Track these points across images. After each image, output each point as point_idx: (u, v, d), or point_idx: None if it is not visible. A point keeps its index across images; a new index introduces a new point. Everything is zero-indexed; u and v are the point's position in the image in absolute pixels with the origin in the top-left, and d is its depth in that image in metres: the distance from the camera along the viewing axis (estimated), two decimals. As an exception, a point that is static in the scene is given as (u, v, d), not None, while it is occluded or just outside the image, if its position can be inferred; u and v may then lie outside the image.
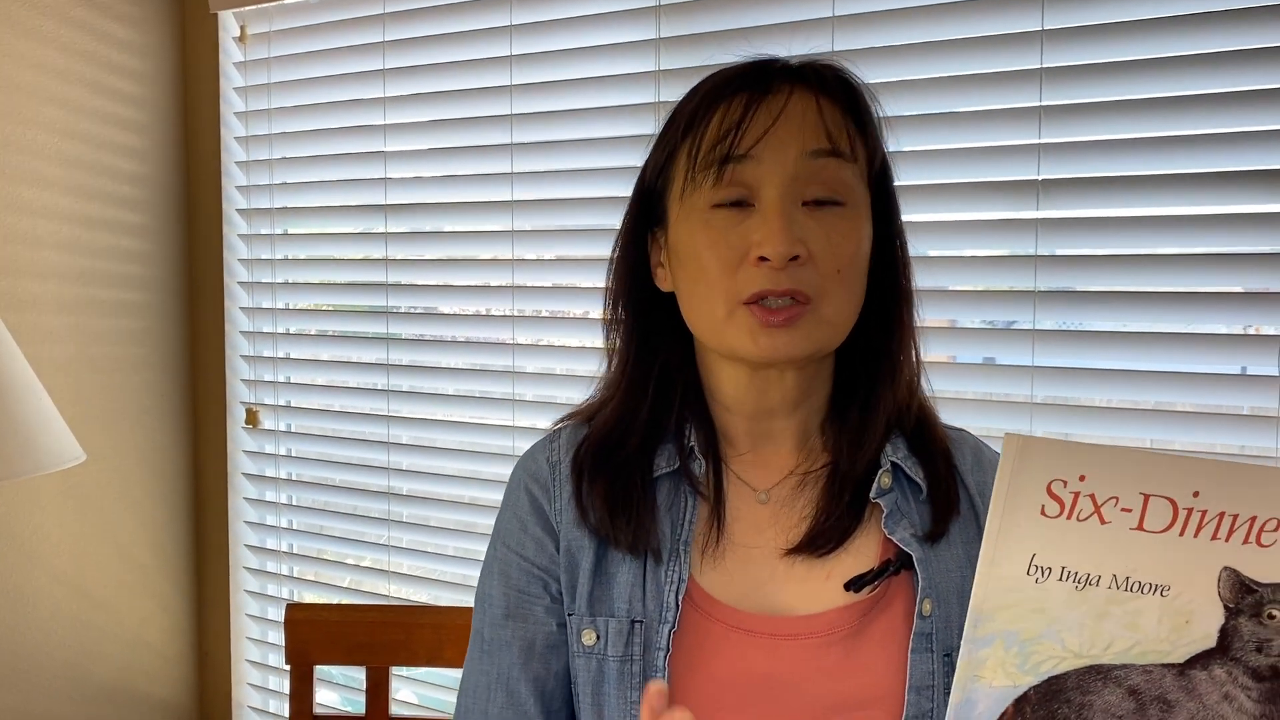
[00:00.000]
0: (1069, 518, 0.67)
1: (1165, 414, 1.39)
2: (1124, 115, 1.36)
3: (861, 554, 0.89)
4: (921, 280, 1.48)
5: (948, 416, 1.03)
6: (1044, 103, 1.40)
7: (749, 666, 0.86)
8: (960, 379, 1.52)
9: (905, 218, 0.94)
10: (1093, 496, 0.67)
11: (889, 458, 0.90)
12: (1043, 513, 0.68)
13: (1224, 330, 1.36)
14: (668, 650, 0.86)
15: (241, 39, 2.14)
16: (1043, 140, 1.41)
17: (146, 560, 2.18)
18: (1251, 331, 1.35)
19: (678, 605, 0.86)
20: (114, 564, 2.11)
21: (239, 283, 2.20)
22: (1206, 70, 1.32)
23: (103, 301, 2.07)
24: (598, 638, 0.88)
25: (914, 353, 0.93)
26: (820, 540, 0.88)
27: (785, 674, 0.85)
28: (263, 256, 2.17)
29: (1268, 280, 1.31)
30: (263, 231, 2.16)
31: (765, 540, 0.90)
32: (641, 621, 0.87)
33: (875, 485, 0.89)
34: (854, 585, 0.87)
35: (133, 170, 2.12)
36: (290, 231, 2.15)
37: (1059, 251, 1.42)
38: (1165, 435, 1.40)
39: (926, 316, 1.51)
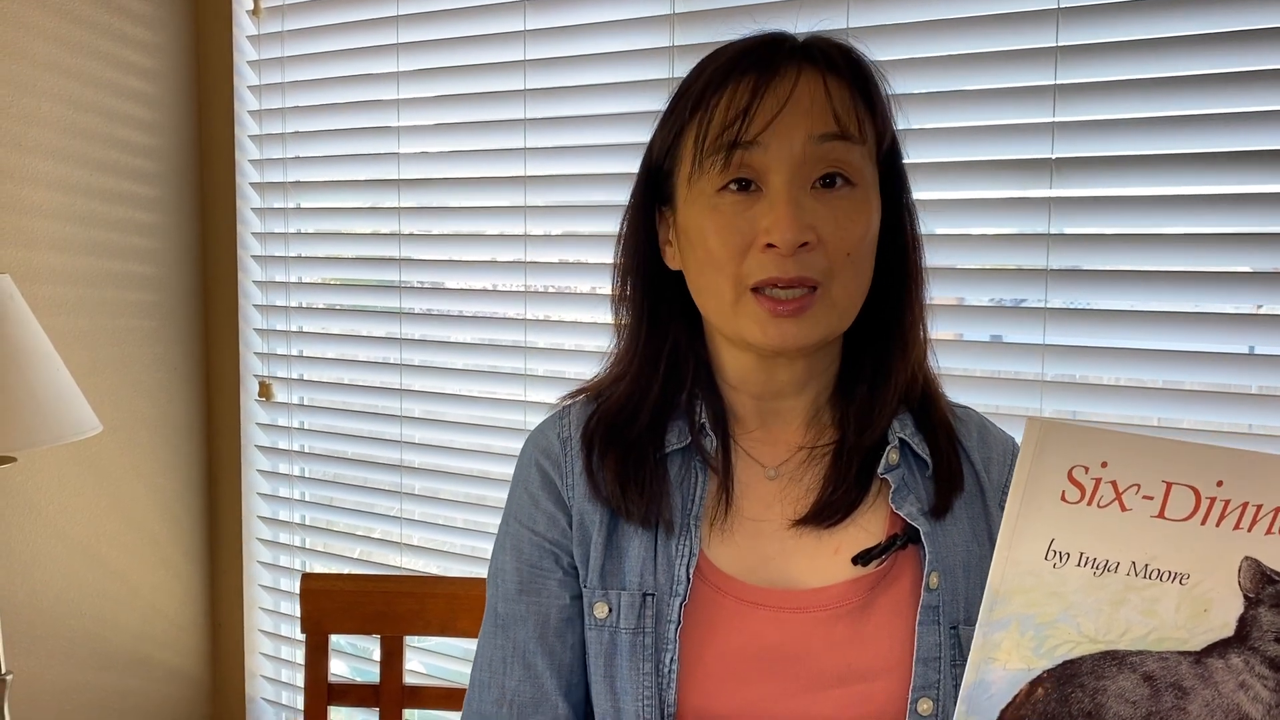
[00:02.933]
0: (1090, 504, 0.67)
1: (1174, 392, 1.40)
2: (1138, 94, 1.36)
3: (869, 529, 0.90)
4: (933, 258, 1.49)
5: (957, 394, 1.04)
6: (1059, 81, 1.40)
7: (758, 639, 0.87)
8: (971, 357, 1.53)
9: (919, 195, 0.95)
10: (1114, 483, 0.66)
11: (896, 434, 0.91)
12: (1063, 498, 0.67)
13: (1233, 310, 1.36)
14: (679, 623, 0.87)
15: (255, 12, 2.14)
16: (1057, 119, 1.41)
17: (160, 531, 2.20)
18: (1261, 311, 1.35)
19: (688, 578, 0.87)
20: (128, 534, 2.14)
21: (252, 256, 2.21)
22: (1221, 49, 1.32)
23: (116, 274, 2.09)
24: (610, 610, 0.89)
25: (922, 330, 0.93)
26: (828, 512, 0.89)
27: (793, 646, 0.86)
28: (276, 230, 2.18)
29: (1277, 260, 1.31)
30: (276, 205, 2.17)
31: (773, 514, 0.91)
32: (653, 594, 0.88)
33: (883, 461, 0.90)
34: (861, 559, 0.88)
35: (146, 143, 2.12)
36: (303, 205, 2.15)
37: (1071, 230, 1.42)
38: (1173, 414, 1.40)
39: (937, 294, 1.52)
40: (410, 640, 1.97)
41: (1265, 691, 0.67)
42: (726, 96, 0.85)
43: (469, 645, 1.94)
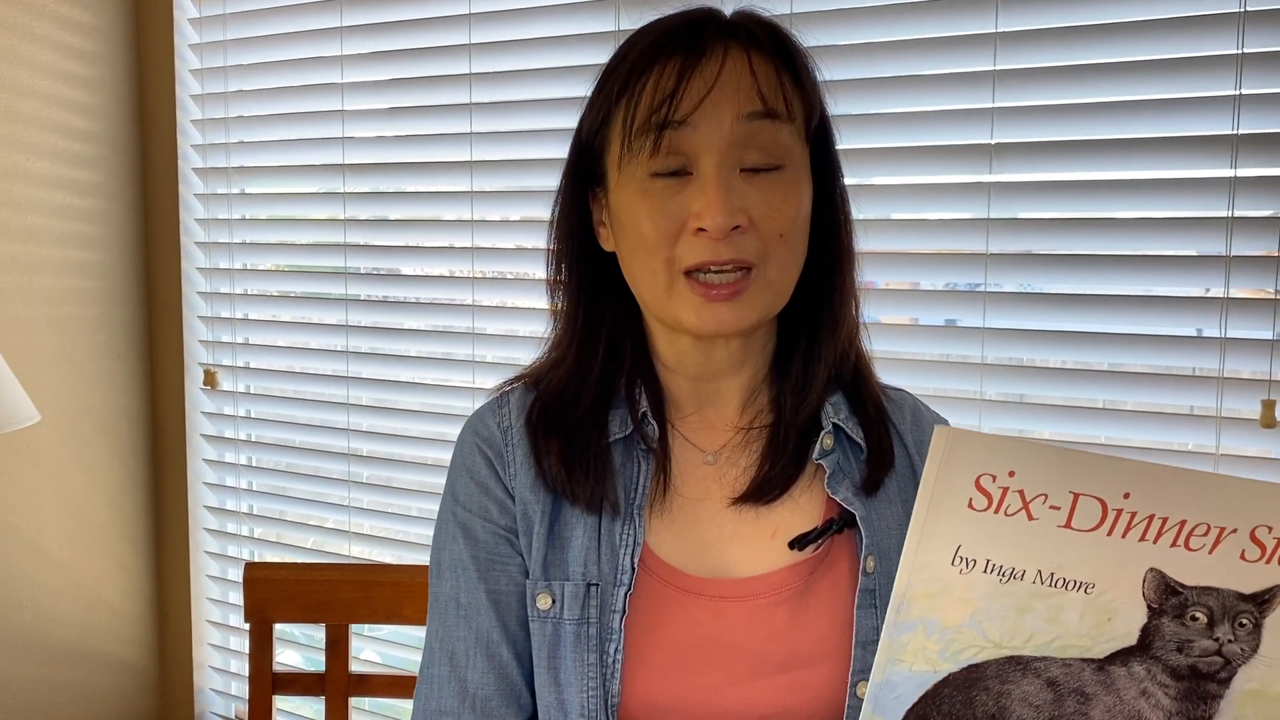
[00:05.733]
0: (996, 512, 0.67)
1: (1118, 375, 1.42)
2: (1077, 80, 1.38)
3: (806, 514, 0.90)
4: (883, 243, 1.50)
5: (897, 377, 1.04)
6: (998, 67, 1.41)
7: (699, 629, 0.87)
8: (910, 340, 1.54)
9: (861, 180, 0.95)
10: (1021, 492, 0.67)
11: (830, 419, 0.91)
12: (970, 506, 0.67)
13: (1176, 293, 1.38)
14: (623, 613, 0.86)
15: (196, -6, 2.11)
16: (996, 104, 1.42)
17: (104, 520, 2.17)
18: (1206, 294, 1.37)
19: (633, 568, 0.87)
20: (71, 524, 2.10)
21: (196, 243, 2.18)
22: (1159, 35, 1.33)
23: (56, 261, 2.05)
24: (553, 601, 0.88)
25: (854, 306, 0.94)
26: (765, 488, 0.89)
27: (734, 635, 0.86)
28: (220, 216, 2.15)
29: (1217, 244, 1.33)
30: (219, 191, 2.14)
31: (712, 497, 0.91)
32: (597, 584, 0.87)
33: (818, 447, 0.90)
34: (798, 544, 0.88)
35: (85, 128, 2.08)
36: (248, 191, 2.13)
37: (1010, 215, 1.44)
38: (1118, 396, 1.43)
39: (894, 279, 1.53)
40: (362, 629, 1.96)
41: (1166, 699, 0.69)
42: (653, 79, 0.84)
43: (416, 632, 1.93)
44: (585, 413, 0.91)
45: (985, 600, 0.68)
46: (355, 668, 1.46)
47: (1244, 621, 0.67)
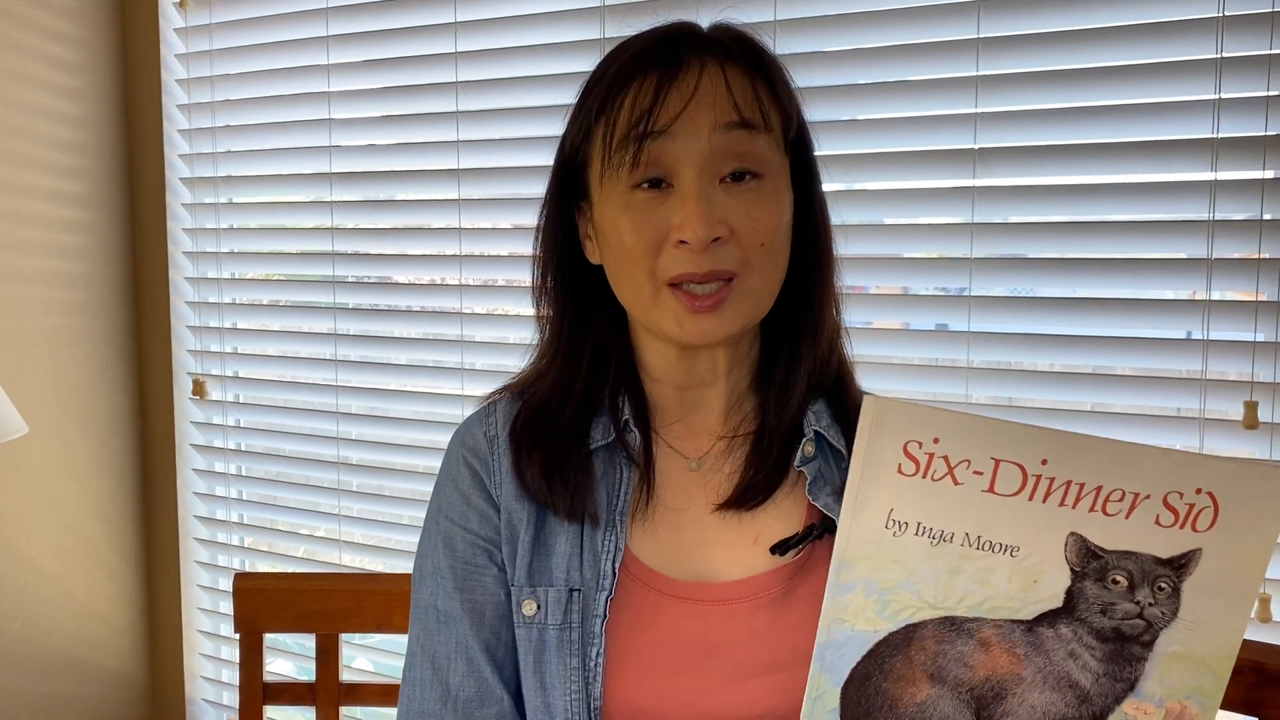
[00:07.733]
0: (924, 477, 0.70)
1: (1103, 377, 1.43)
2: (1059, 85, 1.39)
3: (788, 519, 0.91)
4: (866, 248, 1.51)
5: (890, 382, 1.05)
6: (981, 72, 1.42)
7: (682, 632, 0.88)
8: (902, 345, 1.55)
9: (845, 186, 0.95)
10: (946, 458, 0.70)
11: (812, 426, 0.92)
12: (900, 471, 0.71)
13: (1159, 296, 1.39)
14: (604, 617, 0.88)
15: (182, 4, 2.11)
16: (979, 110, 1.43)
17: (94, 532, 2.16)
18: (1191, 297, 1.38)
19: (614, 573, 0.88)
20: (60, 536, 2.10)
21: (184, 253, 2.18)
22: (1139, 40, 1.35)
23: (44, 272, 2.04)
24: (538, 608, 0.90)
25: (834, 312, 0.95)
26: (748, 495, 0.90)
27: (717, 638, 0.88)
28: (207, 226, 2.15)
29: (1198, 247, 1.34)
30: (207, 201, 2.14)
31: (695, 503, 0.92)
32: (579, 590, 0.89)
33: (799, 454, 0.91)
34: (780, 549, 0.89)
35: (72, 138, 2.08)
36: (235, 200, 2.13)
37: (994, 220, 1.45)
38: (1105, 399, 1.43)
39: (883, 284, 1.54)
40: (353, 638, 1.96)
41: (1093, 661, 0.72)
42: (631, 94, 0.85)
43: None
44: (569, 423, 0.92)
45: (918, 562, 0.72)
46: (346, 676, 1.46)
47: (1163, 585, 0.70)
